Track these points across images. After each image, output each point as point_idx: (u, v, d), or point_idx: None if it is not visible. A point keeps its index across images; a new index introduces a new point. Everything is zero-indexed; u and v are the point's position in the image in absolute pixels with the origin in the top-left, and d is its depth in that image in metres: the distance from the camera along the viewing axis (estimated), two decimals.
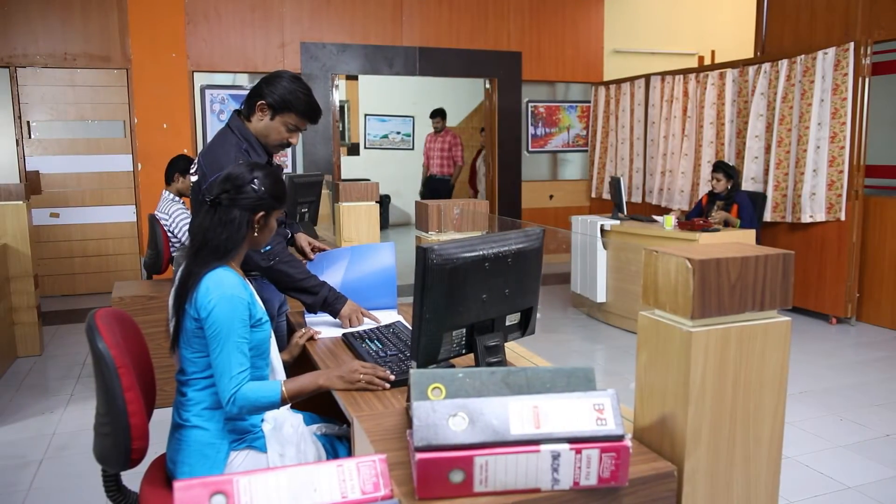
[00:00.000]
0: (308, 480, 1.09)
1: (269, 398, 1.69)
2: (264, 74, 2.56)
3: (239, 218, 1.77)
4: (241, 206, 1.77)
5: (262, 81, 2.32)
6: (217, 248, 1.74)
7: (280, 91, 2.25)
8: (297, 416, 1.91)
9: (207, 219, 1.77)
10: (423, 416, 1.14)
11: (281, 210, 1.89)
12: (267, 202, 1.81)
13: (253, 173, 1.80)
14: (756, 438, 1.29)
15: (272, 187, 1.82)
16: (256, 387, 1.69)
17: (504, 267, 1.62)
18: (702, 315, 1.21)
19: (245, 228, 1.78)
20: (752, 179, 5.72)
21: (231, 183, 1.78)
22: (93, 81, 6.34)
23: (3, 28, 6.04)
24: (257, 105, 2.29)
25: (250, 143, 2.31)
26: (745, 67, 5.86)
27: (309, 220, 4.61)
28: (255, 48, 6.76)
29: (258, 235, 1.83)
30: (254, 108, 2.30)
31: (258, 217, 1.80)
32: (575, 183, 8.18)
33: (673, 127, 6.62)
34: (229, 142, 2.31)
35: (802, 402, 3.74)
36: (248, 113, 2.35)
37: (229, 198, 1.76)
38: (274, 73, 2.32)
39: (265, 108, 2.29)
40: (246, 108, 2.34)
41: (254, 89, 2.31)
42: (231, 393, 1.66)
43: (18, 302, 4.61)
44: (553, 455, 1.13)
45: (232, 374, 1.66)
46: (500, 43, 7.60)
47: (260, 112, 2.30)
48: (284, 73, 2.32)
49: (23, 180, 6.14)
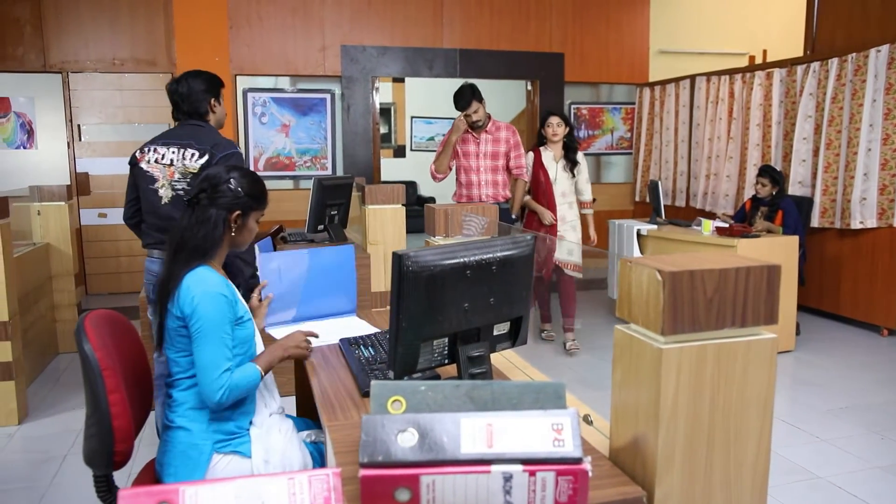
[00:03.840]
0: (257, 493, 1.06)
1: (252, 380, 1.75)
2: (306, 77, 2.95)
3: (215, 217, 1.77)
4: (217, 204, 1.78)
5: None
6: (195, 249, 1.75)
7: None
8: (287, 421, 1.89)
9: (185, 218, 1.78)
10: (370, 431, 1.09)
11: (260, 211, 1.88)
12: (243, 201, 1.80)
13: (230, 173, 1.81)
14: (738, 463, 1.20)
15: (249, 187, 1.82)
16: (241, 373, 1.73)
17: (488, 275, 1.56)
18: (673, 331, 1.13)
19: (222, 227, 1.79)
20: (800, 183, 5.49)
21: (208, 182, 1.79)
22: (139, 85, 6.51)
23: (57, 35, 6.25)
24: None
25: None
26: (793, 67, 5.62)
27: (339, 222, 4.63)
28: (296, 52, 6.84)
29: (236, 236, 1.83)
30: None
31: (234, 216, 1.80)
32: (618, 186, 8.01)
33: (718, 129, 6.41)
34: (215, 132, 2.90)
35: (841, 418, 3.55)
36: (204, 111, 2.96)
37: (206, 197, 1.78)
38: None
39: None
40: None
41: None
42: (223, 386, 1.68)
43: (60, 300, 4.75)
44: (505, 476, 1.07)
45: (222, 370, 1.68)
46: (541, 44, 7.50)
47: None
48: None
49: (73, 181, 6.36)
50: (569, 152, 4.73)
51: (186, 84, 2.90)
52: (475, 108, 4.58)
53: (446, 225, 2.41)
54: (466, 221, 2.61)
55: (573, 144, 4.74)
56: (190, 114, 2.90)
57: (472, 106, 4.57)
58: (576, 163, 4.74)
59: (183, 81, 2.91)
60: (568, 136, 4.72)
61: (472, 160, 4.71)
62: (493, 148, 4.68)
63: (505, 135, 4.71)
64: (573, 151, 4.73)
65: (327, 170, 7.08)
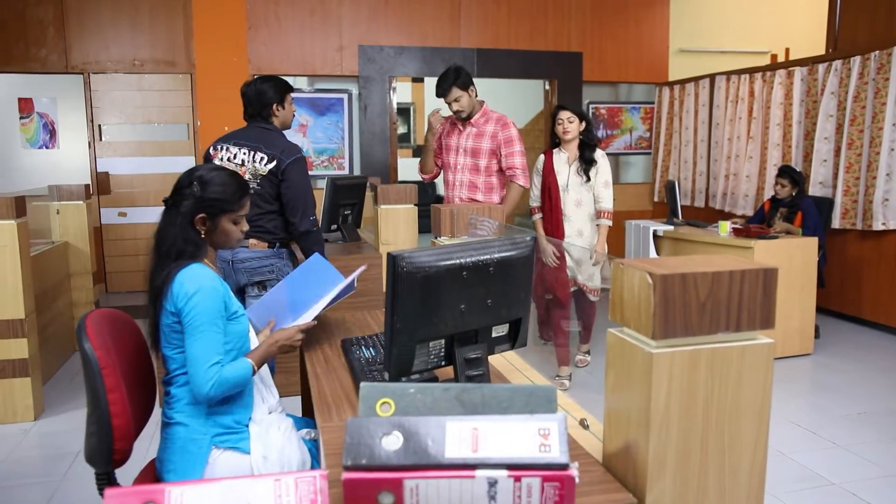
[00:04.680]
0: (243, 494, 1.05)
1: (244, 374, 1.74)
2: (323, 77, 3.07)
3: (181, 221, 1.77)
4: (181, 208, 1.78)
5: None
6: (170, 252, 1.76)
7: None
8: (287, 419, 1.89)
9: (162, 221, 1.80)
10: (354, 433, 1.08)
11: (234, 212, 1.86)
12: (206, 204, 1.80)
13: (193, 174, 1.82)
14: (733, 471, 1.18)
15: (212, 189, 1.80)
16: (231, 367, 1.73)
17: (485, 276, 1.55)
18: (664, 335, 1.11)
19: (190, 231, 1.78)
20: (821, 184, 5.39)
21: (177, 184, 1.80)
22: (159, 86, 6.58)
23: (79, 37, 6.34)
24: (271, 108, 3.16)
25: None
26: (814, 65, 5.52)
27: (352, 222, 4.64)
28: (313, 52, 6.86)
29: (210, 237, 1.83)
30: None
31: (198, 219, 1.80)
32: (637, 186, 7.93)
33: (738, 129, 6.32)
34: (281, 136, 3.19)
35: (859, 423, 3.47)
36: (267, 115, 3.21)
37: (173, 200, 1.79)
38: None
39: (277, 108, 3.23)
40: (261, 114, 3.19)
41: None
42: (212, 378, 1.67)
43: (78, 298, 4.81)
44: (489, 482, 1.05)
45: (211, 362, 1.68)
46: (560, 43, 7.45)
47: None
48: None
49: (94, 181, 6.44)
50: (585, 151, 3.94)
51: (254, 87, 3.23)
52: (455, 95, 3.86)
53: (452, 225, 2.39)
54: (476, 223, 2.59)
55: (591, 142, 3.96)
56: (255, 115, 3.21)
57: (452, 93, 3.87)
58: (592, 162, 3.92)
59: (252, 85, 3.25)
60: (585, 133, 3.95)
61: (450, 156, 4.08)
62: (473, 143, 3.96)
63: (491, 129, 3.94)
64: (591, 150, 3.94)
65: (344, 169, 7.10)
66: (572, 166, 3.96)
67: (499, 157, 3.95)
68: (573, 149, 3.97)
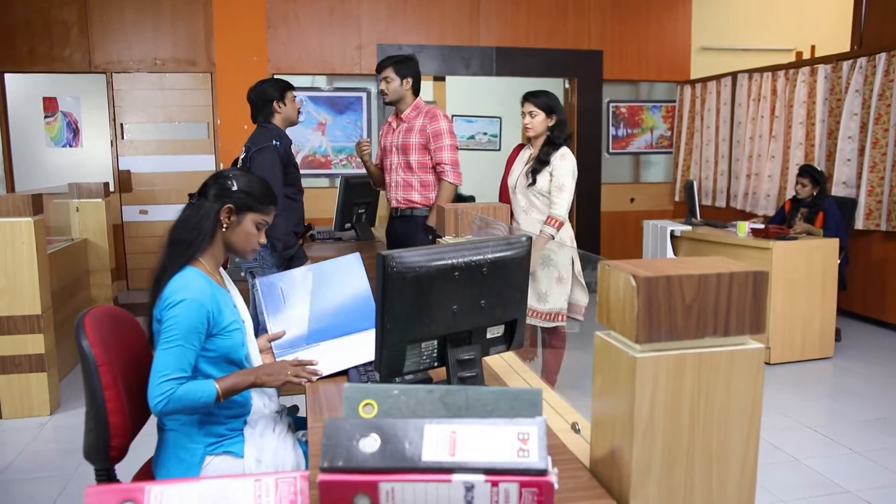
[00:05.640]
0: (223, 494, 1.05)
1: (203, 398, 1.64)
2: (342, 76, 3.19)
3: (207, 208, 1.77)
4: (210, 196, 1.79)
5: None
6: (182, 241, 1.75)
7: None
8: (282, 421, 1.89)
9: (184, 213, 1.80)
10: (332, 435, 1.07)
11: (260, 214, 1.85)
12: (237, 196, 1.80)
13: (233, 171, 1.82)
14: (721, 481, 1.15)
15: (246, 185, 1.81)
16: (192, 386, 1.64)
17: (478, 277, 1.53)
18: (648, 339, 1.08)
19: (212, 220, 1.78)
20: (844, 184, 5.28)
21: (212, 179, 1.81)
22: (180, 85, 6.64)
23: (102, 37, 6.42)
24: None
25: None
26: (838, 63, 5.41)
27: (366, 221, 4.64)
28: (332, 50, 6.88)
29: (228, 232, 1.82)
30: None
31: (226, 209, 1.79)
32: (658, 186, 7.84)
33: (760, 127, 6.22)
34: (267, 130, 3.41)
35: (878, 429, 3.39)
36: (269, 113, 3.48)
37: (203, 191, 1.79)
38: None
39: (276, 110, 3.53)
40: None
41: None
42: (164, 394, 1.60)
43: (97, 294, 4.88)
44: (466, 486, 1.04)
45: (169, 376, 1.61)
46: (580, 42, 7.39)
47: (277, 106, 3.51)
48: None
49: (116, 179, 6.53)
50: (542, 150, 3.41)
51: (254, 90, 3.51)
52: (387, 75, 3.64)
53: (456, 225, 2.38)
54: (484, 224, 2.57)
55: (556, 141, 3.39)
56: (257, 115, 3.50)
57: (386, 72, 3.66)
58: (544, 164, 3.37)
59: (254, 88, 3.51)
60: (553, 130, 3.40)
61: (386, 157, 3.83)
62: (402, 139, 3.70)
63: (420, 123, 3.65)
64: (555, 147, 3.38)
65: (363, 168, 7.11)
66: (527, 167, 3.50)
67: (430, 151, 3.68)
68: (539, 146, 3.46)
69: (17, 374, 3.56)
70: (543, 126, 3.39)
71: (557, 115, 3.40)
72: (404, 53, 3.89)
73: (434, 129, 3.64)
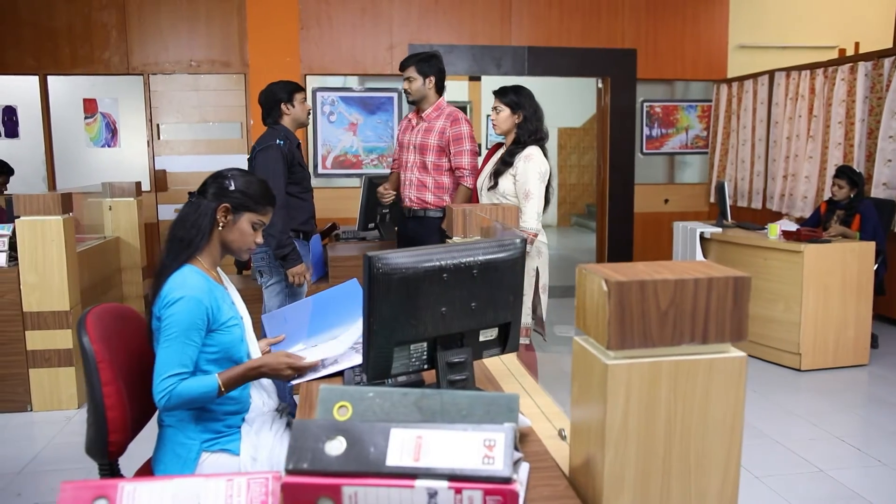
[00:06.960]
0: (195, 493, 1.05)
1: (205, 392, 1.70)
2: (374, 76, 3.21)
3: (205, 206, 1.80)
4: (209, 195, 1.81)
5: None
6: (181, 239, 1.78)
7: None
8: (280, 420, 1.90)
9: (183, 211, 1.82)
10: (299, 436, 1.07)
11: (257, 214, 1.87)
12: (234, 196, 1.82)
13: (231, 171, 1.84)
14: (700, 494, 1.11)
15: (243, 185, 1.83)
16: (194, 381, 1.70)
17: (468, 279, 1.51)
18: (621, 345, 1.05)
19: (209, 218, 1.80)
20: (884, 185, 5.10)
21: (211, 178, 1.83)
22: (214, 86, 6.76)
23: (140, 40, 6.57)
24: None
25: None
26: (879, 60, 5.22)
27: (390, 221, 4.65)
28: (364, 51, 6.92)
29: (225, 231, 1.84)
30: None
31: (222, 207, 1.81)
32: (693, 186, 7.69)
33: (797, 127, 6.04)
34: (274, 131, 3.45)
35: None
36: (277, 114, 3.50)
37: (202, 190, 1.82)
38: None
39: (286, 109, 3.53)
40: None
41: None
42: (166, 390, 1.66)
43: (128, 291, 4.99)
44: (429, 493, 1.02)
45: (170, 373, 1.67)
46: (613, 40, 7.29)
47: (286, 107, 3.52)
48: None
49: (152, 178, 6.67)
50: (511, 148, 3.22)
51: (264, 93, 3.56)
52: (411, 74, 3.66)
53: (464, 225, 2.36)
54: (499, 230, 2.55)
55: (521, 139, 3.19)
56: (267, 118, 3.55)
57: (409, 71, 3.67)
58: (507, 164, 3.18)
59: (262, 91, 3.56)
60: (520, 126, 3.21)
61: (403, 153, 3.81)
62: (421, 139, 3.67)
63: (441, 124, 3.63)
64: (521, 147, 3.17)
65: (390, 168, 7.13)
66: (493, 167, 3.29)
67: (449, 155, 3.65)
68: (509, 144, 3.28)
69: (46, 368, 3.66)
70: (509, 123, 3.22)
71: (524, 111, 3.20)
72: (427, 51, 3.84)
73: (455, 132, 3.63)
